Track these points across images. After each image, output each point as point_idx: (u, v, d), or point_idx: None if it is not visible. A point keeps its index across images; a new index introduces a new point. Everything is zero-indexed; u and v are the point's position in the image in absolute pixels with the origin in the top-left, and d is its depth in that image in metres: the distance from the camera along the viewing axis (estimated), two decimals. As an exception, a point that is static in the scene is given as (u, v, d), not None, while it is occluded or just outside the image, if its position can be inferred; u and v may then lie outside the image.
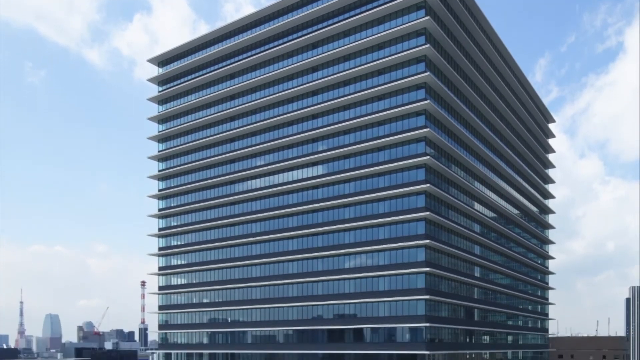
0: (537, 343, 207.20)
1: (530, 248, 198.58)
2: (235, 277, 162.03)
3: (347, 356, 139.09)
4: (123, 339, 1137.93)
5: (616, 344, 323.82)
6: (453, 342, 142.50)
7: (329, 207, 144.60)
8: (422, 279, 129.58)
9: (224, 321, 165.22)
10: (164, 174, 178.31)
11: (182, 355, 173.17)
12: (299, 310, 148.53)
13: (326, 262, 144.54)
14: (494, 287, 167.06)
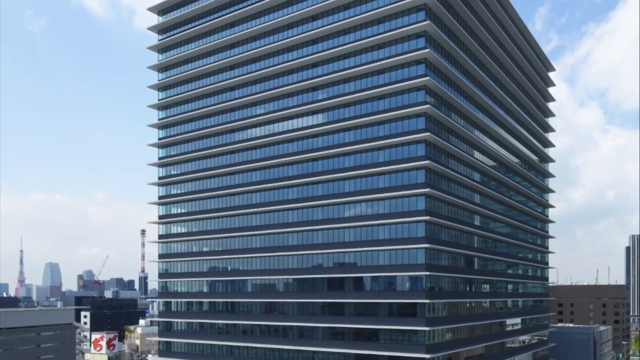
0: (537, 292, 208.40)
1: (530, 197, 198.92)
2: (235, 226, 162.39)
3: (346, 305, 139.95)
4: (123, 287, 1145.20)
5: (616, 293, 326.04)
6: (453, 291, 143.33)
7: (328, 156, 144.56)
8: (422, 228, 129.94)
9: (224, 270, 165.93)
10: (164, 122, 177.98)
11: (182, 304, 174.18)
12: (298, 258, 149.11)
13: (326, 210, 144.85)
14: (494, 236, 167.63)
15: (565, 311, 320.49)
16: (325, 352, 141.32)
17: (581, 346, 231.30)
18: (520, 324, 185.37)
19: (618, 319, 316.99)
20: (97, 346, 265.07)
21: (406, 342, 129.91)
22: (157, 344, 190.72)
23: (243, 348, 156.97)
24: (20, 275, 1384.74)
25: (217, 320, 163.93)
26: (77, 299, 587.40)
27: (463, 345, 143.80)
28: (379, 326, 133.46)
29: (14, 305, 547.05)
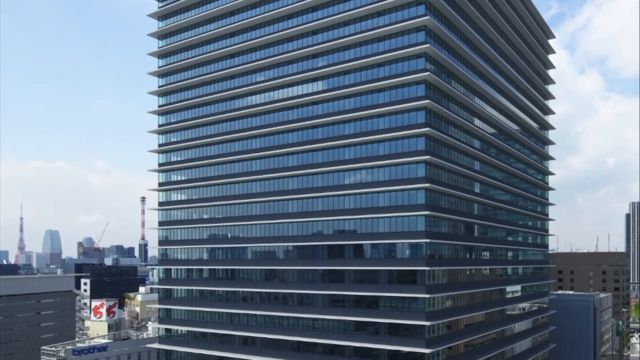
0: (537, 259, 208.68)
1: (530, 164, 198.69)
2: (235, 193, 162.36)
3: (346, 272, 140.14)
4: (123, 254, 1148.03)
5: (616, 260, 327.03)
6: (453, 258, 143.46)
7: (328, 123, 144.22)
8: (422, 195, 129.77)
9: (224, 237, 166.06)
10: (164, 89, 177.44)
11: (182, 271, 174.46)
12: (298, 226, 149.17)
13: (326, 178, 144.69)
14: (494, 203, 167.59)
15: (565, 278, 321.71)
16: (325, 319, 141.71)
17: (581, 313, 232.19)
18: (520, 291, 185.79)
19: (618, 287, 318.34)
20: (97, 313, 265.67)
21: (406, 310, 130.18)
22: (157, 311, 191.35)
23: (243, 315, 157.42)
24: (20, 243, 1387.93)
25: (217, 287, 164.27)
26: (77, 267, 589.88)
27: (463, 313, 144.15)
28: (379, 293, 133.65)
29: (14, 272, 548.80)
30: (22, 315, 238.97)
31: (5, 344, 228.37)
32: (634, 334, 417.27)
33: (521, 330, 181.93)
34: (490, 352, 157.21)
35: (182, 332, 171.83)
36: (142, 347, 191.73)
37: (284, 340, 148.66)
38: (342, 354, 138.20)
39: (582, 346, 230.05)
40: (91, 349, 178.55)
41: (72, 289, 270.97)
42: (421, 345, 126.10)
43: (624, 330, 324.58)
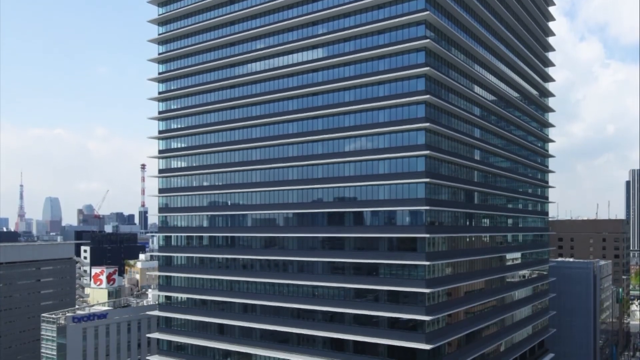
0: (537, 226, 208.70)
1: (530, 131, 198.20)
2: (235, 160, 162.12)
3: (346, 239, 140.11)
4: (123, 222, 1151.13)
5: (616, 227, 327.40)
6: (453, 226, 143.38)
7: (328, 90, 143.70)
8: (422, 162, 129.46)
9: (224, 204, 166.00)
10: (164, 57, 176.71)
11: (182, 238, 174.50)
12: (299, 193, 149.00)
13: (326, 145, 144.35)
14: (494, 171, 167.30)
15: (565, 246, 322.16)
16: (325, 286, 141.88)
17: (581, 281, 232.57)
18: (520, 258, 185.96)
19: (618, 254, 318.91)
20: (97, 280, 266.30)
21: (406, 277, 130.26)
22: (157, 278, 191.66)
23: (243, 282, 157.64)
24: (20, 210, 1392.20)
25: (217, 254, 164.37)
26: (77, 234, 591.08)
27: (463, 280, 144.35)
28: (378, 261, 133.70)
29: (14, 239, 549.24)
30: (22, 283, 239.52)
31: (5, 311, 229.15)
32: (634, 301, 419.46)
33: (521, 298, 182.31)
34: (490, 319, 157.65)
35: (182, 300, 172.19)
36: (142, 315, 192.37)
37: (284, 308, 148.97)
38: (341, 321, 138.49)
39: (582, 313, 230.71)
40: (91, 316, 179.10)
41: (72, 256, 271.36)
42: (421, 313, 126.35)
43: (624, 297, 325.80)
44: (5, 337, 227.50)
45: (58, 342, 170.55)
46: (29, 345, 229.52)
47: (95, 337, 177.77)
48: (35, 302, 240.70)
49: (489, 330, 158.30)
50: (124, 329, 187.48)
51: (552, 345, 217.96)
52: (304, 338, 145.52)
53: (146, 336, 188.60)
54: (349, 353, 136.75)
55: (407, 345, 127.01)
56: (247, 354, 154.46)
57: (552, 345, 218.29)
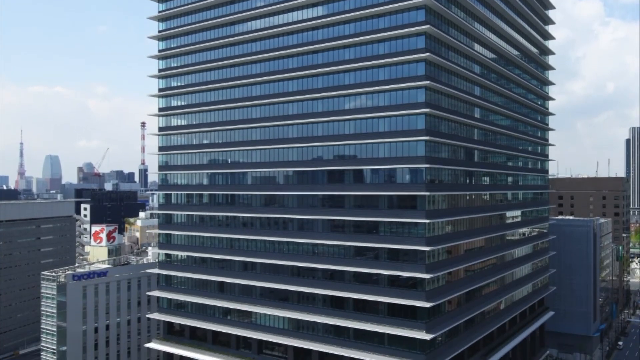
0: (537, 184, 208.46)
1: (530, 89, 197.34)
2: (236, 118, 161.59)
3: (346, 197, 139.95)
4: (123, 180, 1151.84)
5: (616, 185, 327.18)
6: (453, 184, 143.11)
7: (328, 48, 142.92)
8: (422, 120, 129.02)
9: (224, 162, 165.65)
10: (164, 15, 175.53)
11: (182, 196, 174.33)
12: (298, 151, 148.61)
13: (326, 103, 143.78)
14: (494, 128, 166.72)
15: (565, 204, 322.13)
16: (325, 244, 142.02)
17: (581, 239, 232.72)
18: (520, 216, 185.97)
19: (618, 212, 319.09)
20: (97, 238, 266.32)
21: (406, 235, 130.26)
22: (157, 236, 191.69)
23: (243, 240, 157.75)
24: (20, 168, 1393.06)
25: (217, 212, 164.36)
26: (77, 192, 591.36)
27: (463, 238, 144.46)
28: (378, 218, 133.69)
29: (14, 197, 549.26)
30: (22, 241, 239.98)
31: (5, 269, 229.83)
32: (633, 259, 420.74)
33: (521, 256, 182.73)
34: (490, 277, 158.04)
35: (182, 258, 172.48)
36: (142, 272, 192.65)
37: (284, 266, 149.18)
38: (341, 279, 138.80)
39: (582, 271, 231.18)
40: (91, 274, 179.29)
41: (72, 214, 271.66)
42: (421, 271, 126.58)
43: (624, 255, 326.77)
44: (5, 295, 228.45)
45: (58, 300, 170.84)
46: (29, 303, 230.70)
47: (95, 295, 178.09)
48: (35, 260, 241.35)
49: (489, 288, 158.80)
50: (124, 286, 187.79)
51: (552, 303, 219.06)
52: (304, 296, 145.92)
53: (146, 294, 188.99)
54: (349, 311, 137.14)
55: (407, 303, 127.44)
56: (247, 312, 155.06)
57: (552, 303, 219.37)
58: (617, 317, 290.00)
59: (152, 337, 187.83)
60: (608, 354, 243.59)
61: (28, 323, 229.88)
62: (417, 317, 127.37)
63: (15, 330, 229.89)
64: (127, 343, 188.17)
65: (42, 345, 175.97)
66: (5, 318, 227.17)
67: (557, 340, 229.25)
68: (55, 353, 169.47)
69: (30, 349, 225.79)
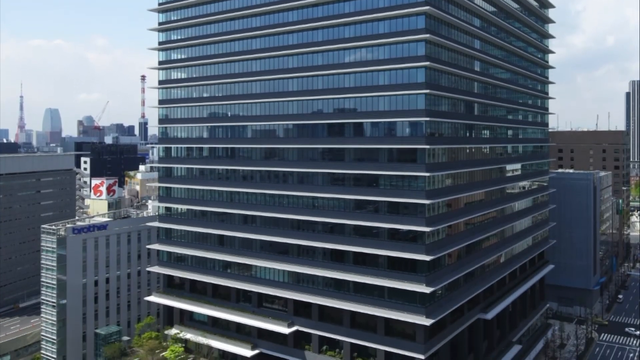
0: (536, 137, 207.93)
1: (529, 42, 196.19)
2: (236, 72, 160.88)
3: (346, 150, 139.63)
4: (123, 133, 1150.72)
5: (616, 138, 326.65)
6: (453, 137, 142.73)
7: (329, 2, 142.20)
8: (422, 73, 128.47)
9: (224, 115, 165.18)
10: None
11: (182, 150, 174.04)
12: (298, 104, 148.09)
13: (326, 56, 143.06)
14: (494, 82, 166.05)
15: (565, 157, 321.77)
16: (325, 197, 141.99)
17: (581, 192, 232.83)
18: (520, 169, 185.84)
19: (618, 165, 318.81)
20: (97, 192, 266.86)
21: (406, 188, 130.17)
22: (157, 189, 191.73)
23: (243, 194, 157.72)
24: (20, 121, 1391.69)
25: (217, 166, 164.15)
26: (77, 145, 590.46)
27: (463, 191, 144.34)
28: (378, 172, 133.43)
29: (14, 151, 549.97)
30: (22, 194, 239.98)
31: (5, 223, 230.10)
32: (633, 213, 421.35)
33: (521, 209, 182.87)
34: (491, 230, 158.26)
35: (182, 211, 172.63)
36: (142, 226, 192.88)
37: (284, 219, 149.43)
38: (341, 233, 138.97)
39: (582, 225, 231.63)
40: (91, 228, 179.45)
41: (72, 168, 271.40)
42: (421, 224, 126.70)
43: (624, 208, 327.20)
44: (5, 248, 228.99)
45: (58, 254, 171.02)
46: (29, 256, 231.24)
47: (95, 248, 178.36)
48: (35, 213, 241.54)
49: (489, 241, 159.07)
50: (124, 240, 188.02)
51: (552, 257, 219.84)
52: (304, 249, 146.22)
53: (146, 247, 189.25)
54: (349, 264, 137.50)
55: (407, 257, 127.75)
56: (247, 265, 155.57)
57: (552, 256, 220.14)
58: (617, 270, 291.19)
59: (152, 290, 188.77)
60: (608, 307, 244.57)
61: (28, 276, 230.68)
62: (417, 271, 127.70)
63: (15, 284, 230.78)
64: (127, 296, 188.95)
65: (42, 299, 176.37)
66: (5, 271, 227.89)
67: (557, 293, 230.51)
68: (55, 306, 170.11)
69: (30, 302, 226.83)
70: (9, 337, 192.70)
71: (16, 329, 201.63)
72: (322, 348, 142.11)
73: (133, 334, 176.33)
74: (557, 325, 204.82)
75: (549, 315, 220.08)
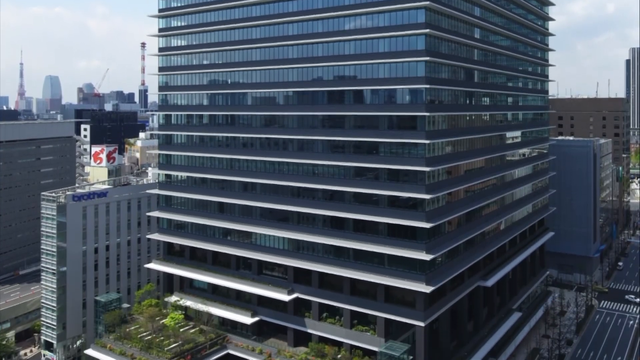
0: (537, 104, 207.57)
1: (529, 9, 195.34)
2: (236, 39, 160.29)
3: (346, 117, 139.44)
4: (123, 100, 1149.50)
5: (616, 106, 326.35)
6: (453, 104, 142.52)
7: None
8: (422, 41, 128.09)
9: (224, 82, 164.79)
10: None
11: (182, 117, 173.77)
12: (299, 71, 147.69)
13: (326, 23, 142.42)
14: (494, 49, 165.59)
15: (565, 124, 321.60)
16: (325, 164, 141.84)
17: (581, 159, 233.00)
18: (520, 137, 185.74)
19: (618, 132, 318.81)
20: (97, 159, 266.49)
21: (406, 155, 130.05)
22: (157, 156, 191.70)
23: (243, 161, 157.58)
24: (20, 88, 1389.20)
25: (217, 133, 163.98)
26: (77, 112, 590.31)
27: (463, 158, 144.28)
28: (378, 139, 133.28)
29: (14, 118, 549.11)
30: (22, 161, 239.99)
31: (6, 190, 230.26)
32: (633, 180, 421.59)
33: (521, 176, 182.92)
34: (491, 197, 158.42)
35: (182, 178, 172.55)
36: (142, 193, 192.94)
37: (284, 186, 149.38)
38: (341, 200, 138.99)
39: (582, 192, 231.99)
40: (91, 195, 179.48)
41: (72, 135, 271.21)
42: (421, 191, 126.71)
43: (624, 176, 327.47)
44: (5, 215, 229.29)
45: (58, 221, 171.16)
46: (29, 223, 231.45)
47: (95, 216, 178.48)
48: (35, 180, 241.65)
49: (489, 208, 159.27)
50: (124, 207, 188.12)
51: (552, 224, 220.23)
52: (304, 216, 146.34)
53: (146, 215, 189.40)
54: (349, 231, 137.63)
55: (407, 224, 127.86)
56: (247, 233, 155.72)
57: (552, 223, 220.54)
58: (617, 237, 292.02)
59: (152, 257, 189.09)
60: (608, 274, 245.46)
61: (28, 244, 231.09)
62: (417, 238, 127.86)
63: (15, 251, 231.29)
64: (127, 263, 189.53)
65: (42, 266, 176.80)
66: (5, 239, 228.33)
67: (557, 260, 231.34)
68: (55, 273, 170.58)
69: (30, 269, 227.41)
70: (9, 304, 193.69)
71: (16, 296, 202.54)
72: (322, 315, 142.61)
73: (133, 302, 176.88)
74: (557, 293, 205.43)
75: (549, 283, 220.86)
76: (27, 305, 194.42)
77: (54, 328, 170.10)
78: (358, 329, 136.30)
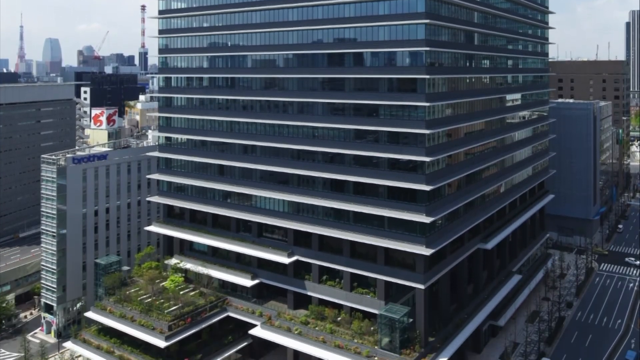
0: (536, 67, 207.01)
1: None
2: (235, 1, 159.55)
3: (346, 80, 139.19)
4: (123, 63, 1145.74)
5: (616, 68, 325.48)
6: (453, 67, 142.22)
7: None
8: (421, 3, 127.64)
9: (224, 45, 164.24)
10: None
11: (182, 80, 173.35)
12: (298, 34, 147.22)
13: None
14: (494, 11, 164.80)
15: (565, 87, 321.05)
16: (325, 127, 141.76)
17: (581, 122, 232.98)
18: (520, 99, 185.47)
19: (618, 95, 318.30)
20: (97, 122, 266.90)
21: (406, 118, 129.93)
22: (156, 119, 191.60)
23: (243, 123, 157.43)
24: (20, 51, 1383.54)
25: (217, 95, 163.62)
26: (77, 75, 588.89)
27: (463, 121, 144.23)
28: (378, 102, 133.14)
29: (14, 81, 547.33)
30: (22, 124, 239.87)
31: (6, 152, 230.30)
32: (634, 143, 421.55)
33: (521, 139, 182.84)
34: (491, 160, 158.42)
35: (182, 141, 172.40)
36: (142, 156, 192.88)
37: (284, 149, 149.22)
38: (341, 162, 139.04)
39: (582, 154, 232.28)
40: (91, 157, 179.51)
41: (72, 98, 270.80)
42: (421, 154, 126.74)
43: (624, 138, 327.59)
44: (5, 178, 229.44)
45: (58, 183, 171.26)
46: (29, 186, 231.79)
47: (95, 178, 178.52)
48: (35, 143, 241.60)
49: (489, 171, 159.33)
50: (124, 170, 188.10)
51: (552, 186, 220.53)
52: (304, 179, 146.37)
53: (146, 177, 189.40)
54: (349, 194, 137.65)
55: (407, 186, 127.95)
56: (247, 195, 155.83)
57: (552, 186, 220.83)
58: (617, 200, 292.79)
59: (152, 220, 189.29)
60: (608, 237, 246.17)
61: (28, 206, 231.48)
62: (417, 200, 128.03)
63: (15, 214, 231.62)
64: (127, 226, 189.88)
65: (42, 228, 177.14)
66: (5, 201, 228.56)
67: (558, 223, 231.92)
68: (55, 236, 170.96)
69: (30, 232, 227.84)
70: (9, 266, 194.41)
71: (16, 258, 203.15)
72: (322, 278, 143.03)
73: (133, 264, 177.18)
74: (557, 255, 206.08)
75: (549, 245, 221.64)
76: (27, 267, 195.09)
77: (54, 291, 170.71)
78: (358, 292, 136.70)
